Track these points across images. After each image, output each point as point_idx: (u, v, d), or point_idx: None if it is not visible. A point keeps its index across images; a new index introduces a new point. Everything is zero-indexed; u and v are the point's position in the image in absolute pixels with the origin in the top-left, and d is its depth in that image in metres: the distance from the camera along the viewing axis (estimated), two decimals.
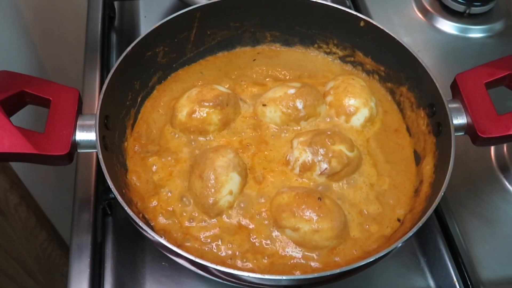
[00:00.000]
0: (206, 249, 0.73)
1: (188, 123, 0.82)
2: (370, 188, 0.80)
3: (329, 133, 0.79)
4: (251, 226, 0.75)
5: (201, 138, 0.83)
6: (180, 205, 0.77)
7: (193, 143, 0.83)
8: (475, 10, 1.17)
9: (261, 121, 0.86)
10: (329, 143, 0.77)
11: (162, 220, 0.75)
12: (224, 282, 0.67)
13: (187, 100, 0.83)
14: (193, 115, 0.81)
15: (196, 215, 0.76)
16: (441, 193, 0.67)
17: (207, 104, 0.81)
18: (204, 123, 0.82)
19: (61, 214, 1.26)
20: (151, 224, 0.75)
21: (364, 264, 0.62)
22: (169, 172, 0.80)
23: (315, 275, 0.62)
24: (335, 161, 0.77)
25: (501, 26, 1.18)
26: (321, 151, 0.77)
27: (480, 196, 0.90)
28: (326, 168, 0.77)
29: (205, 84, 0.89)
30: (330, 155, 0.77)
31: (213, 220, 0.75)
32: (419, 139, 0.84)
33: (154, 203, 0.77)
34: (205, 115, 0.81)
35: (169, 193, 0.78)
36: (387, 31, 0.86)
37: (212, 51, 0.96)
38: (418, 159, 0.84)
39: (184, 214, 0.76)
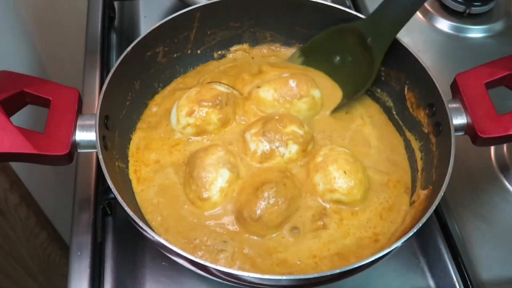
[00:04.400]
0: None
1: (187, 123, 0.82)
2: None
3: (277, 117, 0.80)
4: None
5: (200, 138, 0.83)
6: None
7: (192, 143, 0.83)
8: (475, 10, 1.17)
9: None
10: (281, 127, 0.78)
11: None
12: (224, 282, 0.67)
13: (187, 100, 0.83)
14: (193, 115, 0.81)
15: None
16: (441, 193, 0.67)
17: (206, 104, 0.81)
18: (204, 123, 0.82)
19: (61, 214, 1.26)
20: (151, 224, 0.75)
21: (364, 264, 0.62)
22: (169, 171, 0.80)
23: (315, 275, 0.62)
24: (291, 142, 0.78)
25: (501, 26, 1.18)
26: (277, 136, 0.78)
27: (480, 196, 0.90)
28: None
29: (205, 83, 0.89)
30: (285, 138, 0.78)
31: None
32: None
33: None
34: (204, 114, 0.81)
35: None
36: None
37: (212, 51, 0.96)
38: None
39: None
